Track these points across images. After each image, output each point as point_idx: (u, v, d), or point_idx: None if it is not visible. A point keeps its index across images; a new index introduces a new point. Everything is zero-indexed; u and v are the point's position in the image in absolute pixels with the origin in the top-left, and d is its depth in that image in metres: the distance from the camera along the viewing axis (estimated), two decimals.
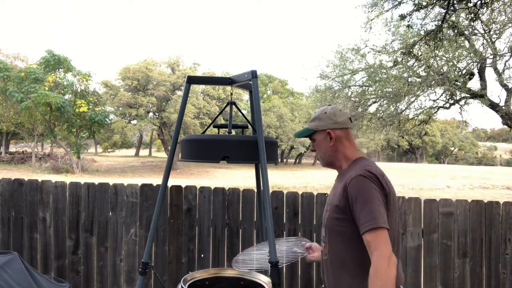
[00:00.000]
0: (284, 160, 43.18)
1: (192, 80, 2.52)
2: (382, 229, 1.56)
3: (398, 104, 12.16)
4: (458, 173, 32.58)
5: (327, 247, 1.80)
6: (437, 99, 12.13)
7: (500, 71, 11.19)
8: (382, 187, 1.67)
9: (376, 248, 1.53)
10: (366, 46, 12.39)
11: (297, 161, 45.25)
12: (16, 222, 3.52)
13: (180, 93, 31.66)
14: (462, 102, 12.00)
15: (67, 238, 3.49)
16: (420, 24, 9.95)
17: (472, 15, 4.63)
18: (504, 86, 11.01)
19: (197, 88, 32.73)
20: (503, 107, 10.92)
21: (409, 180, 25.26)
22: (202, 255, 3.39)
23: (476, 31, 11.19)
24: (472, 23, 9.80)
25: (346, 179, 1.71)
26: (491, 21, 10.68)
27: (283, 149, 37.65)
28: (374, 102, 12.94)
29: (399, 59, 10.60)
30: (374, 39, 18.98)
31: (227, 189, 3.44)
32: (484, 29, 10.97)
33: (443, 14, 5.53)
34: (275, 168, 35.85)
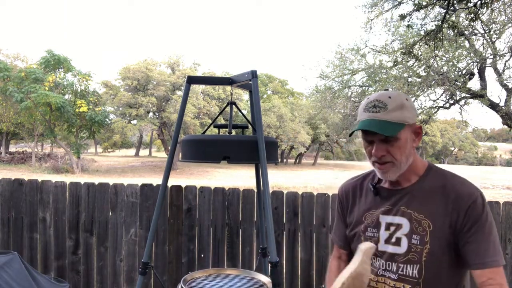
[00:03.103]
0: (284, 160, 43.17)
1: (192, 80, 2.52)
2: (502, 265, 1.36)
3: None
4: (458, 173, 32.48)
5: None
6: (437, 99, 12.16)
7: (500, 71, 11.20)
8: None
9: (501, 286, 1.32)
10: (366, 46, 12.42)
11: (297, 161, 45.24)
12: (16, 222, 3.52)
13: (180, 93, 31.63)
14: (462, 102, 12.02)
15: (67, 238, 3.49)
16: (420, 24, 9.95)
17: (472, 15, 4.63)
18: (504, 86, 11.02)
19: (197, 88, 32.72)
20: (503, 107, 10.93)
21: None
22: (202, 255, 3.39)
23: (476, 31, 11.20)
24: (472, 23, 9.80)
25: (462, 198, 1.33)
26: (491, 21, 10.69)
27: (283, 149, 37.63)
28: None
29: (399, 59, 10.59)
30: (374, 39, 19.04)
31: (227, 189, 3.44)
32: (484, 29, 10.98)
33: (443, 14, 5.53)
34: (275, 168, 35.83)
